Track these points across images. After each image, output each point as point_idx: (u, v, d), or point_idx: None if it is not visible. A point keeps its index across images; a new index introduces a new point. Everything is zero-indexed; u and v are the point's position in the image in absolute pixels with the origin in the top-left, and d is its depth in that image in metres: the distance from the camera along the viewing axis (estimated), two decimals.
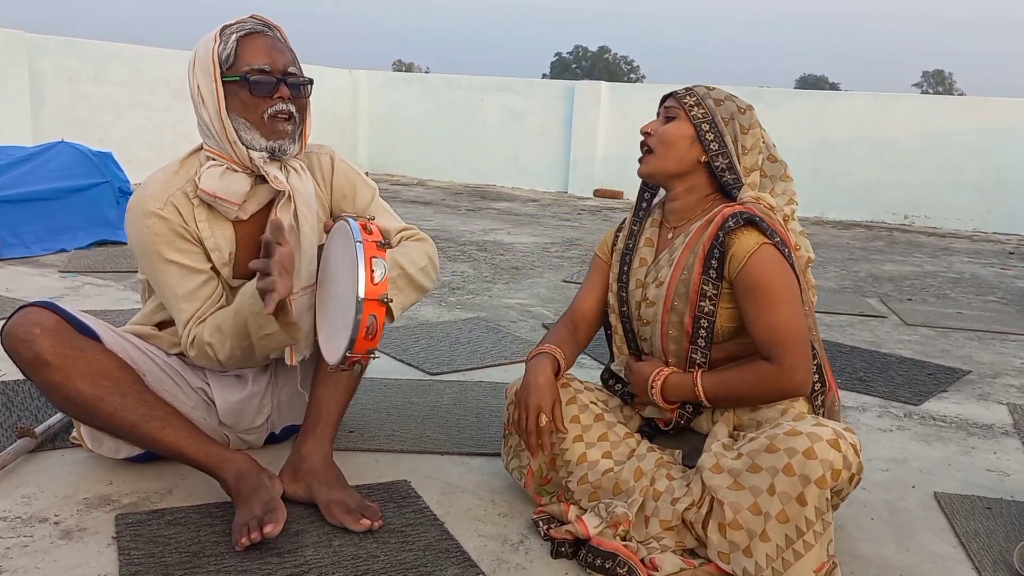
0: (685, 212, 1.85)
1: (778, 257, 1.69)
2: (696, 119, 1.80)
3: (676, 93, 1.85)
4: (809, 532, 1.50)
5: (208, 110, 1.81)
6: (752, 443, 1.58)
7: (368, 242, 1.54)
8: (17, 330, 1.72)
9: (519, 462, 1.90)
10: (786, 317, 1.67)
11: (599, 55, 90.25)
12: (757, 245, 1.68)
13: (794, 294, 1.69)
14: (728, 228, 1.70)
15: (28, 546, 1.64)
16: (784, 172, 1.88)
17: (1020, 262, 6.68)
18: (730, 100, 1.83)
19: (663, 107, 1.87)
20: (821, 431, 1.51)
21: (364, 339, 1.54)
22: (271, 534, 1.63)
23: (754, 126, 1.82)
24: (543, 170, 10.68)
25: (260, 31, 1.84)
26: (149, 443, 1.80)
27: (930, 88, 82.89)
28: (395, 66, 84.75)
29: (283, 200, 1.86)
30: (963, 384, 3.13)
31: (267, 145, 1.82)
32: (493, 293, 4.30)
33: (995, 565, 1.76)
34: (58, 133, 6.87)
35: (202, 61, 1.81)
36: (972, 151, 8.80)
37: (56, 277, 4.10)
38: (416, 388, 2.66)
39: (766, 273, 1.68)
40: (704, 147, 1.79)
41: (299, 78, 1.86)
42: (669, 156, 1.81)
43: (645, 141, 1.85)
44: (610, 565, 1.60)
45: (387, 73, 12.07)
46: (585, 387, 1.92)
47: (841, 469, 1.49)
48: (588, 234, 6.79)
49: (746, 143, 1.81)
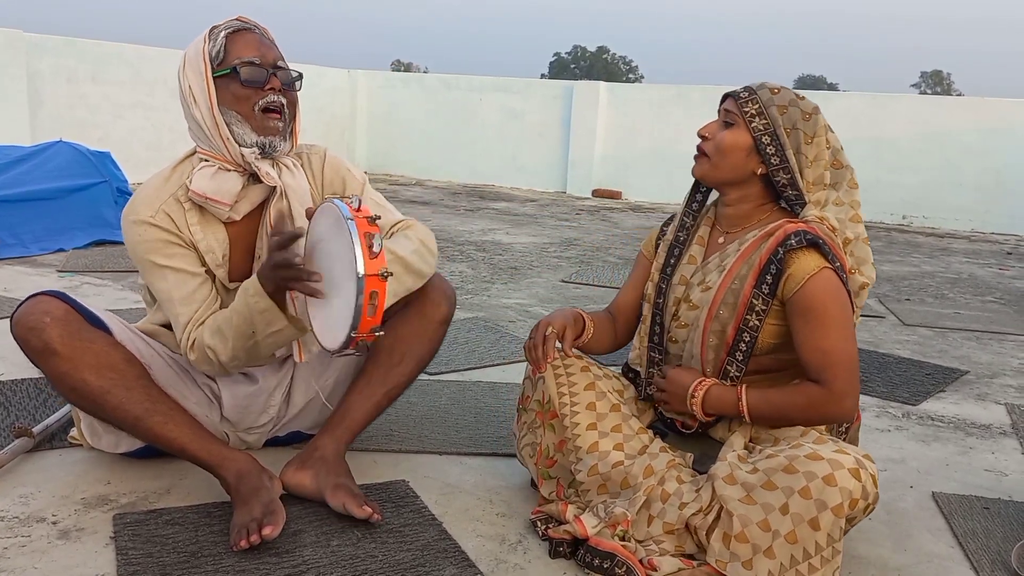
0: (739, 220, 1.81)
1: (837, 283, 1.65)
2: (756, 130, 1.72)
3: (738, 96, 1.76)
4: (817, 556, 1.48)
5: (200, 109, 1.83)
6: (770, 460, 1.55)
7: (359, 218, 1.53)
8: (27, 318, 1.71)
9: (532, 438, 1.86)
10: (840, 343, 1.64)
11: (598, 55, 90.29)
12: (818, 268, 1.64)
13: (848, 321, 1.66)
14: (789, 247, 1.65)
15: (26, 546, 1.64)
16: (850, 178, 1.79)
17: (1018, 262, 6.68)
18: (794, 106, 1.73)
19: (722, 107, 1.78)
20: (843, 459, 1.49)
21: (368, 317, 1.51)
22: (270, 537, 1.62)
23: (819, 133, 1.73)
24: (542, 170, 10.67)
25: (248, 28, 1.88)
26: (152, 438, 1.80)
27: (928, 88, 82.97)
28: (394, 66, 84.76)
29: (276, 197, 1.87)
30: (961, 384, 3.13)
31: (257, 140, 1.83)
32: (491, 293, 4.30)
33: (993, 565, 1.76)
34: (56, 133, 6.86)
35: (192, 61, 1.83)
36: (971, 151, 8.80)
37: (54, 277, 4.10)
38: (414, 388, 2.65)
39: (824, 297, 1.64)
40: (763, 160, 1.73)
41: (289, 71, 1.87)
42: (723, 165, 1.75)
43: (701, 144, 1.79)
44: (608, 565, 1.60)
45: (386, 73, 12.06)
46: (604, 374, 1.89)
47: (859, 499, 1.48)
48: (586, 234, 6.79)
49: (809, 154, 1.73)
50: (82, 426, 1.97)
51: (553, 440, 1.81)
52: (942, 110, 9.11)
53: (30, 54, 7.52)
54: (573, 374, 1.83)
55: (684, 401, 1.76)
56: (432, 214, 7.52)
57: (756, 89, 1.76)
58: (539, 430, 1.85)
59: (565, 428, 1.78)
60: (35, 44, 7.60)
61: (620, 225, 7.60)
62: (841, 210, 1.77)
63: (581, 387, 1.81)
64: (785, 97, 1.75)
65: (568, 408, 1.78)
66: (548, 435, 1.82)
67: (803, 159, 1.73)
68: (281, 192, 1.87)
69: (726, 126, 1.76)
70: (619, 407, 1.81)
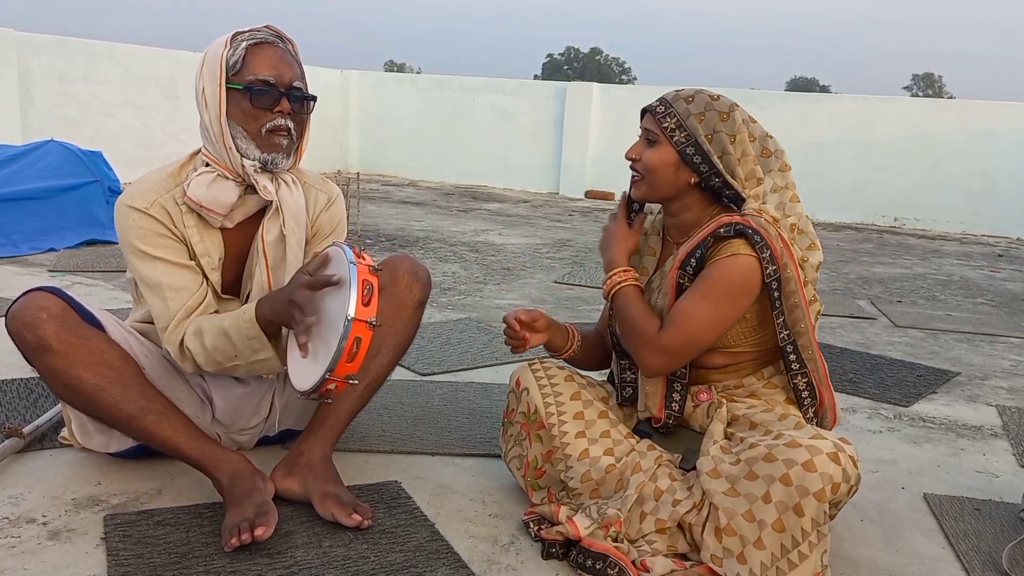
0: (686, 228, 1.82)
1: (747, 270, 1.66)
2: (679, 143, 1.73)
3: (654, 111, 1.77)
4: (804, 543, 1.49)
5: (210, 113, 1.81)
6: (751, 450, 1.57)
7: (361, 265, 1.56)
8: (23, 313, 1.70)
9: (519, 450, 1.88)
10: (700, 314, 1.67)
11: (591, 56, 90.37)
12: (737, 252, 1.66)
13: (726, 307, 1.68)
14: (718, 235, 1.69)
15: (15, 547, 1.63)
16: (783, 162, 1.81)
17: (1009, 264, 6.71)
18: (711, 110, 1.74)
19: (643, 125, 1.80)
20: (821, 444, 1.51)
21: (346, 362, 1.53)
22: (262, 537, 1.62)
23: (740, 130, 1.75)
24: (534, 171, 10.67)
25: (271, 42, 1.84)
26: (146, 437, 1.78)
27: (920, 91, 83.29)
28: (387, 66, 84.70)
29: (271, 212, 1.87)
30: (952, 386, 3.15)
31: (260, 156, 1.82)
32: (484, 294, 4.29)
33: (984, 566, 1.77)
34: (47, 132, 6.83)
35: (210, 64, 1.81)
36: (960, 153, 8.84)
37: (45, 277, 4.08)
38: (407, 389, 2.66)
39: (724, 273, 1.67)
40: (693, 169, 1.75)
41: (303, 93, 1.85)
42: (658, 184, 1.77)
43: (632, 166, 1.81)
44: (601, 566, 1.60)
45: (378, 73, 12.03)
46: (588, 383, 1.91)
47: (840, 483, 1.49)
48: (579, 235, 6.80)
49: (736, 152, 1.74)
50: (73, 426, 1.96)
51: (541, 451, 1.83)
52: (931, 112, 9.15)
53: (21, 53, 7.48)
54: (558, 384, 1.85)
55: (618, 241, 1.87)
56: (425, 215, 7.51)
57: (671, 101, 1.76)
58: (525, 442, 1.87)
59: (553, 438, 1.80)
60: (26, 43, 7.57)
61: None
62: (779, 195, 1.79)
63: (567, 397, 1.83)
64: (700, 103, 1.75)
65: (556, 418, 1.80)
66: (535, 446, 1.83)
67: (730, 159, 1.74)
68: (276, 207, 1.87)
69: (649, 144, 1.78)
70: (606, 414, 1.83)
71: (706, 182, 1.76)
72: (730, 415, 1.78)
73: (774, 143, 1.82)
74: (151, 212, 1.81)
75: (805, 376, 1.78)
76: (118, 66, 8.35)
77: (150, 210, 1.81)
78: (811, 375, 1.78)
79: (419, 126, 11.31)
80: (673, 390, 1.81)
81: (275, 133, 1.82)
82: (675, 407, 1.81)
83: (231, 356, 1.77)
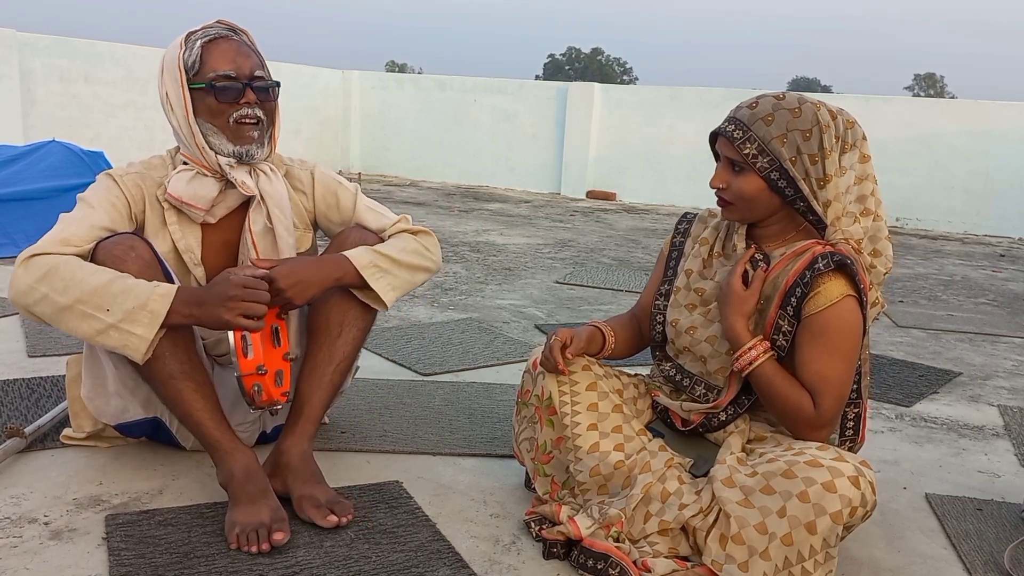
0: (767, 238, 1.78)
1: (857, 315, 1.65)
2: (763, 170, 1.67)
3: (731, 136, 1.68)
4: (810, 560, 1.48)
5: (177, 116, 1.84)
6: (770, 465, 1.55)
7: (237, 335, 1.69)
8: (114, 247, 1.71)
9: (531, 432, 1.86)
10: (841, 375, 1.65)
11: (592, 56, 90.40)
12: (842, 296, 1.63)
13: (854, 356, 1.67)
14: (817, 270, 1.64)
15: (17, 547, 1.63)
16: (861, 153, 1.75)
17: (1011, 265, 6.71)
18: (792, 130, 1.65)
19: (721, 151, 1.73)
20: (842, 466, 1.50)
21: (258, 404, 1.73)
22: (280, 543, 1.62)
23: (828, 153, 1.66)
24: (536, 171, 10.68)
25: (225, 36, 1.86)
26: (176, 402, 1.76)
27: (921, 91, 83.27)
28: (388, 66, 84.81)
29: (255, 204, 1.88)
30: (954, 386, 3.14)
31: (234, 150, 1.84)
32: (486, 294, 4.30)
33: (986, 566, 1.77)
34: (49, 132, 6.85)
35: (169, 68, 1.83)
36: (961, 154, 8.84)
37: None
38: (408, 389, 2.66)
39: (840, 326, 1.64)
40: (779, 195, 1.70)
41: (266, 82, 1.87)
42: (753, 209, 1.72)
43: (720, 194, 1.75)
44: (602, 566, 1.60)
45: (379, 73, 12.04)
46: (605, 373, 1.89)
47: (858, 507, 1.48)
48: (581, 235, 6.80)
49: (819, 172, 1.67)
50: (85, 389, 1.93)
51: (551, 436, 1.81)
52: (931, 113, 9.14)
53: (22, 53, 7.49)
54: (574, 372, 1.82)
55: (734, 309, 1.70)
56: (426, 215, 7.52)
57: (748, 124, 1.67)
58: (537, 425, 1.85)
59: (565, 427, 1.78)
60: (27, 43, 7.58)
61: (614, 226, 7.61)
62: (859, 188, 1.75)
63: (583, 387, 1.80)
64: (781, 123, 1.66)
65: (569, 407, 1.78)
66: (546, 430, 1.82)
67: (813, 183, 1.69)
68: (259, 200, 1.88)
69: (734, 170, 1.72)
70: (621, 407, 1.81)
71: (792, 205, 1.71)
72: (753, 433, 1.77)
73: (853, 134, 1.73)
74: (122, 183, 1.84)
75: (856, 407, 1.77)
76: (120, 67, 8.36)
77: (122, 181, 1.85)
78: (862, 404, 1.77)
79: (420, 126, 11.32)
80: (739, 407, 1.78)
81: (244, 123, 1.83)
82: (715, 420, 1.79)
83: (101, 307, 1.61)
